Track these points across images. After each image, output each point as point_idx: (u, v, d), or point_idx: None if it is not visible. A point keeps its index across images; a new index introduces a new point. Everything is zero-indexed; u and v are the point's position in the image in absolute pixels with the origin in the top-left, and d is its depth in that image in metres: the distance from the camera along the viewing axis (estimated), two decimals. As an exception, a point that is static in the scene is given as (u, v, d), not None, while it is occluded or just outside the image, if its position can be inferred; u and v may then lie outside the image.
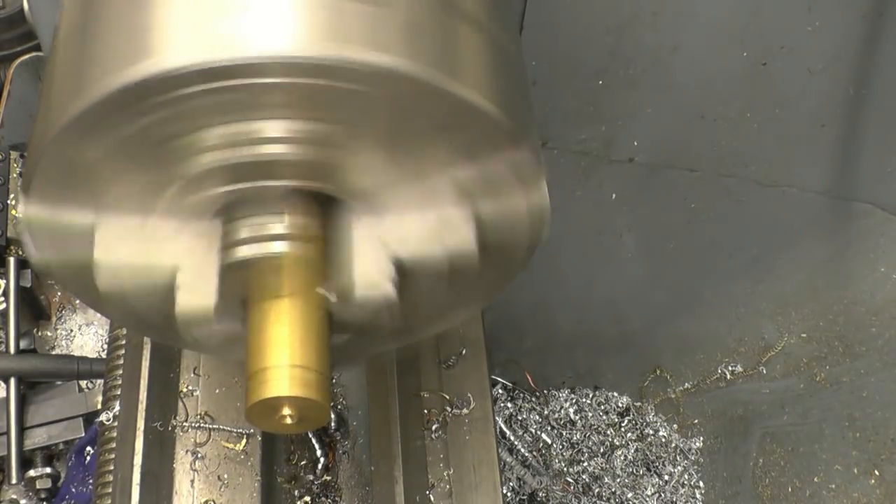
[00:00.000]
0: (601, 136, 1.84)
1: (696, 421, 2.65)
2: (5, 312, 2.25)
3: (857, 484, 2.07)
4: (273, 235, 0.98)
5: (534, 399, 2.81)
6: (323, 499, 1.49)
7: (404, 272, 1.08)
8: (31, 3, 1.50)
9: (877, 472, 2.03)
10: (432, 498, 1.41)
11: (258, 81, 0.80)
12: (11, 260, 2.28)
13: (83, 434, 2.18)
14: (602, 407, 2.82)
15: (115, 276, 1.05)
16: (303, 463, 1.50)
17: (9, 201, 2.27)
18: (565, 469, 2.69)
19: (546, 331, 2.62)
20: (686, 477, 2.64)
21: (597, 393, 2.84)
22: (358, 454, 1.53)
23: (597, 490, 2.64)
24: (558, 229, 1.13)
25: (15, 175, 2.31)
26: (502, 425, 2.72)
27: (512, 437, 2.69)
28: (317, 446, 1.50)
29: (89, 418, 2.20)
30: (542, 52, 1.59)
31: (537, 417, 2.78)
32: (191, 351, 1.48)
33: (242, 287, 1.04)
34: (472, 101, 0.86)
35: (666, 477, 2.65)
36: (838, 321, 2.14)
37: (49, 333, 2.58)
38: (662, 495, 2.63)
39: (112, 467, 1.41)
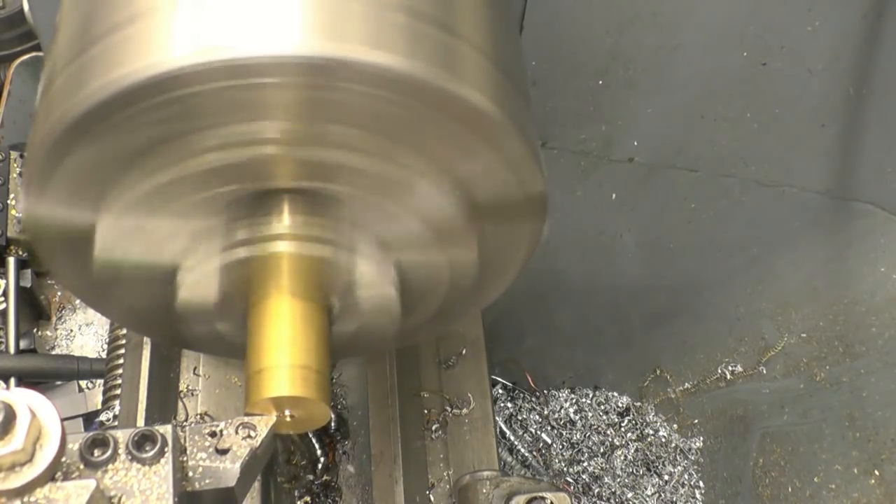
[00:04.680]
0: (601, 136, 1.84)
1: (696, 421, 2.65)
2: (5, 312, 2.25)
3: (857, 484, 2.07)
4: (273, 235, 0.98)
5: (534, 399, 2.82)
6: (323, 499, 1.49)
7: (404, 272, 1.08)
8: (31, 3, 1.50)
9: (877, 472, 2.03)
10: (432, 498, 1.41)
11: (259, 82, 0.80)
12: (11, 260, 2.28)
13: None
14: (602, 407, 2.82)
15: (115, 276, 1.05)
16: (303, 463, 1.50)
17: (9, 201, 2.27)
18: (565, 469, 2.69)
19: (546, 331, 2.61)
20: (686, 477, 2.64)
21: (597, 393, 2.84)
22: (358, 454, 1.53)
23: (597, 490, 2.64)
24: (558, 229, 1.13)
25: (15, 175, 2.31)
26: (502, 425, 2.72)
27: (512, 437, 2.69)
28: (317, 446, 1.50)
29: (89, 418, 2.20)
30: (542, 52, 1.59)
31: (537, 417, 2.78)
32: (191, 351, 1.48)
33: (243, 286, 1.05)
34: (472, 101, 0.86)
35: (666, 477, 2.65)
36: (838, 321, 2.14)
37: (49, 333, 2.58)
38: (662, 495, 2.63)
39: (112, 467, 1.41)
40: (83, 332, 2.60)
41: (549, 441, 2.73)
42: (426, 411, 1.50)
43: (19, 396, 0.75)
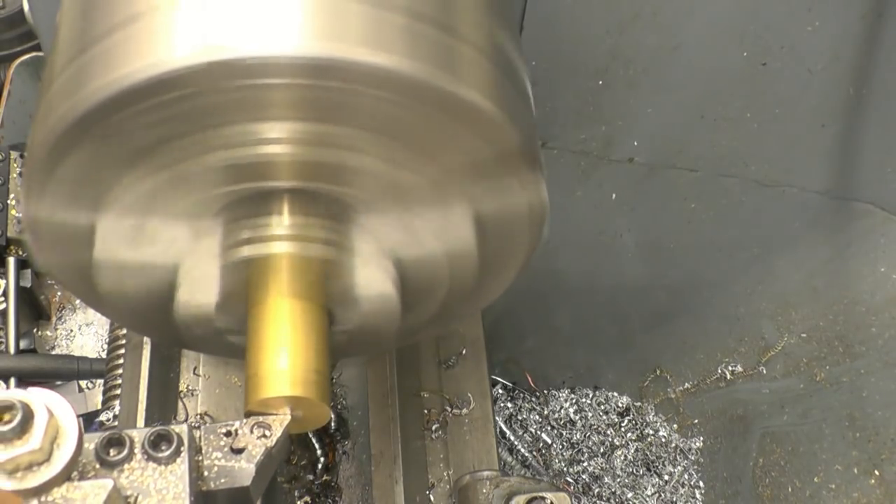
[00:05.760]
0: (601, 136, 1.84)
1: (696, 421, 2.65)
2: (5, 312, 2.25)
3: (857, 484, 2.07)
4: (273, 236, 0.98)
5: (534, 399, 2.82)
6: (323, 499, 1.49)
7: (404, 272, 1.08)
8: (31, 3, 1.50)
9: (877, 472, 2.03)
10: (432, 498, 1.41)
11: (259, 82, 0.80)
12: (11, 260, 2.28)
13: (83, 434, 2.18)
14: (602, 407, 2.82)
15: (115, 276, 1.05)
16: (303, 463, 1.50)
17: (9, 201, 2.27)
18: (565, 469, 2.69)
19: (546, 331, 2.61)
20: (686, 477, 2.64)
21: (597, 393, 2.84)
22: (358, 454, 1.53)
23: (597, 490, 2.64)
24: (558, 229, 1.13)
25: (15, 175, 2.31)
26: (502, 425, 2.72)
27: (512, 437, 2.69)
28: (317, 446, 1.50)
29: (89, 418, 2.20)
30: (542, 52, 1.59)
31: (537, 417, 2.78)
32: (191, 351, 1.48)
33: (243, 286, 1.05)
34: (472, 101, 0.86)
35: (666, 477, 2.65)
36: (838, 321, 2.14)
37: (49, 333, 2.58)
38: (662, 495, 2.63)
39: (112, 467, 1.40)
40: (83, 332, 2.60)
41: (549, 441, 2.73)
42: (426, 411, 1.50)
43: (37, 396, 0.75)
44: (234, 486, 0.91)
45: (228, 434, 0.94)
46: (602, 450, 2.73)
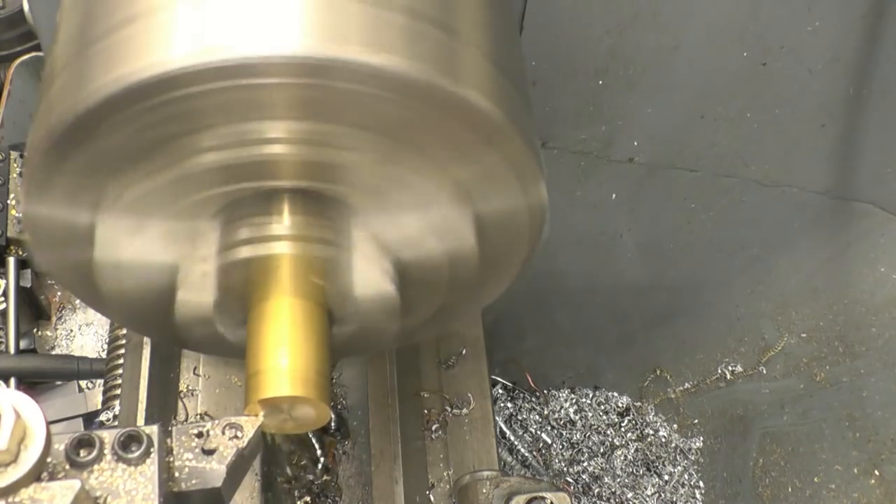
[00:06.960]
0: (601, 136, 1.84)
1: (696, 421, 2.65)
2: (5, 312, 2.25)
3: (857, 484, 2.07)
4: (273, 236, 0.98)
5: (534, 399, 2.81)
6: (323, 499, 1.49)
7: (404, 272, 1.08)
8: (31, 3, 1.50)
9: (877, 472, 2.03)
10: (432, 498, 1.41)
11: (258, 82, 0.80)
12: (11, 260, 2.28)
13: (83, 434, 2.18)
14: (602, 407, 2.82)
15: (115, 276, 1.05)
16: (303, 463, 1.50)
17: (9, 201, 2.27)
18: (565, 469, 2.69)
19: (546, 330, 2.61)
20: (686, 477, 2.64)
21: (597, 393, 2.84)
22: (358, 454, 1.53)
23: (597, 490, 2.64)
24: (558, 229, 1.13)
25: (15, 175, 2.31)
26: (502, 425, 2.72)
27: (512, 437, 2.69)
28: (317, 446, 1.50)
29: (89, 418, 2.20)
30: (542, 52, 1.59)
31: (537, 417, 2.78)
32: (191, 351, 1.48)
33: (242, 287, 1.05)
34: (472, 101, 0.86)
35: (666, 477, 2.65)
36: (838, 321, 2.14)
37: (49, 333, 2.59)
38: (662, 495, 2.63)
39: (112, 467, 1.40)
40: (83, 332, 2.60)
41: (549, 441, 2.73)
42: (426, 411, 1.50)
43: (3, 397, 0.75)
44: (206, 488, 0.91)
45: (200, 435, 0.93)
46: (602, 450, 2.73)
